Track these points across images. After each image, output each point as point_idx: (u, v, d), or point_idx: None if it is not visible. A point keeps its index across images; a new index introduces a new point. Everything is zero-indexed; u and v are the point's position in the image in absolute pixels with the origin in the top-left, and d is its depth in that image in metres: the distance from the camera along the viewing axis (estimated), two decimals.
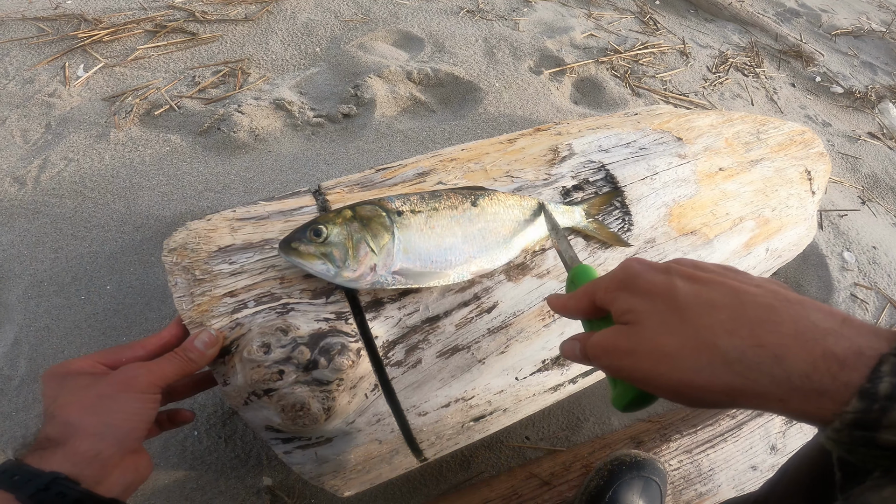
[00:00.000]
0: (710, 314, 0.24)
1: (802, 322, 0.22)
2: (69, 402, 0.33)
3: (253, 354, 0.38)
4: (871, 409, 0.19)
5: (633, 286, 0.27)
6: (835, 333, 0.21)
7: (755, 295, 0.24)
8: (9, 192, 0.79)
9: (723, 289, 0.25)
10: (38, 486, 0.29)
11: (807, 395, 0.21)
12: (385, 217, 0.43)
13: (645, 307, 0.26)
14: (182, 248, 0.44)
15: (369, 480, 0.51)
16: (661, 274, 0.27)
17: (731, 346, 0.22)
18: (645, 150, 0.61)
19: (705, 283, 0.26)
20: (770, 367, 0.21)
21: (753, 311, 0.23)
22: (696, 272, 0.27)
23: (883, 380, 0.19)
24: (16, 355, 0.66)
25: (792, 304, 0.23)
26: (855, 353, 0.20)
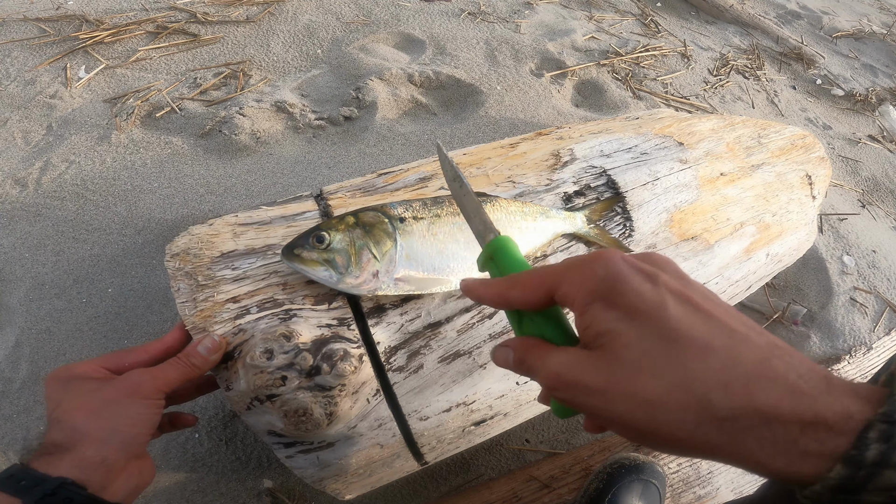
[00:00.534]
0: (704, 358, 0.21)
1: (793, 380, 0.20)
2: (74, 406, 0.34)
3: (256, 360, 0.38)
4: (856, 475, 0.19)
5: (616, 295, 0.22)
6: (824, 396, 0.20)
7: (748, 340, 0.21)
8: (10, 195, 0.80)
9: (717, 325, 0.22)
10: (45, 491, 0.29)
11: (790, 459, 0.20)
12: (387, 223, 0.43)
13: (628, 333, 0.22)
14: (185, 253, 0.44)
15: (370, 484, 0.51)
16: (650, 284, 0.22)
17: (725, 404, 0.20)
18: (646, 155, 0.61)
19: (699, 309, 0.22)
20: (759, 430, 0.20)
21: (748, 361, 0.21)
22: (686, 290, 0.23)
23: (871, 447, 0.19)
24: (17, 358, 0.66)
25: (781, 356, 0.21)
26: (844, 419, 0.20)
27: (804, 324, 0.86)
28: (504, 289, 0.26)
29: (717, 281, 0.60)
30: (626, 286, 0.22)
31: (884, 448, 0.19)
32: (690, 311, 0.22)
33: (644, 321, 0.22)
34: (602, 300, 0.22)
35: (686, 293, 0.23)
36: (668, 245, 0.56)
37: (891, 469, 0.19)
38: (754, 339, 0.21)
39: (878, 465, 0.19)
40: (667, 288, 0.22)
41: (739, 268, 0.61)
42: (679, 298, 0.22)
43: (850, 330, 0.86)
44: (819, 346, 0.84)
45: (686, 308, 0.22)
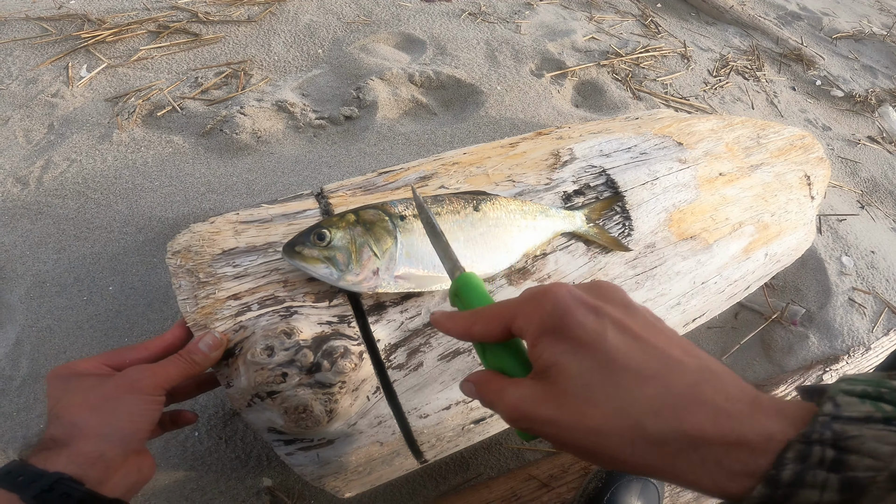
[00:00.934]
0: (639, 387, 0.22)
1: (719, 404, 0.22)
2: (74, 402, 0.34)
3: (257, 357, 0.38)
4: (775, 494, 0.20)
5: (562, 328, 0.24)
6: (749, 417, 0.21)
7: (682, 366, 0.23)
8: (11, 193, 0.80)
9: (654, 353, 0.23)
10: (43, 487, 0.29)
11: (716, 479, 0.21)
12: (388, 221, 0.43)
13: (572, 365, 0.23)
14: (186, 251, 0.44)
15: (370, 482, 0.51)
16: (593, 315, 0.24)
17: (656, 429, 0.21)
18: (646, 154, 0.61)
19: (637, 338, 0.24)
20: (688, 452, 0.21)
21: (679, 387, 0.22)
22: (628, 320, 0.24)
23: (787, 467, 0.20)
24: (17, 355, 0.66)
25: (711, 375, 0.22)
26: (765, 440, 0.21)
27: (803, 324, 0.86)
28: (469, 323, 0.28)
29: (715, 280, 0.60)
30: (571, 319, 0.24)
31: (799, 468, 0.19)
32: (629, 341, 0.24)
33: (587, 353, 0.23)
34: (550, 333, 0.24)
35: (626, 323, 0.24)
36: (666, 244, 0.56)
37: (806, 488, 0.19)
38: (687, 365, 0.23)
39: (793, 484, 0.19)
40: (609, 319, 0.24)
41: (738, 267, 0.62)
42: (619, 329, 0.24)
43: (848, 330, 0.86)
44: (817, 347, 0.84)
45: (625, 338, 0.24)
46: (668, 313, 0.57)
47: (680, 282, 0.57)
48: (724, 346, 0.84)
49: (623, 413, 0.22)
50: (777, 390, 0.75)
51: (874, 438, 0.19)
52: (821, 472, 0.19)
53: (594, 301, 0.25)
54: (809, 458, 0.19)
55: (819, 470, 0.19)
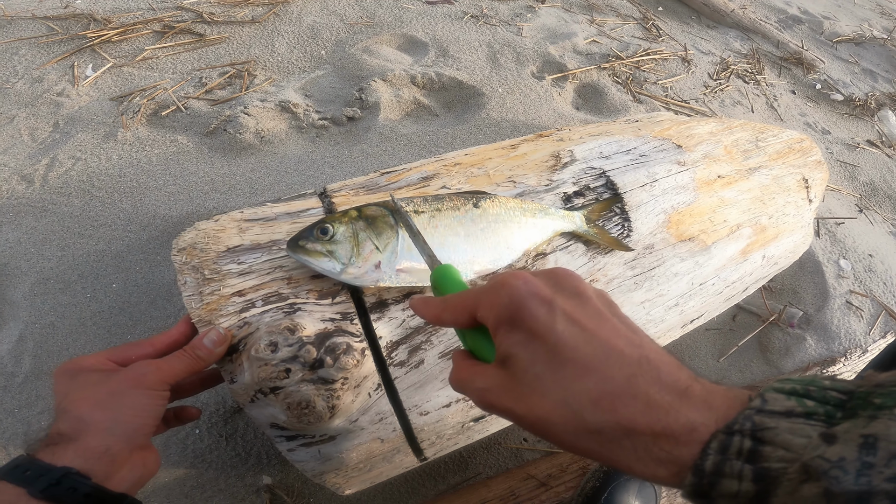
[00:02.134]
0: (581, 379, 0.24)
1: (653, 395, 0.23)
2: (80, 397, 0.34)
3: (260, 353, 0.39)
4: (701, 483, 0.21)
5: (517, 318, 0.25)
6: (675, 409, 0.22)
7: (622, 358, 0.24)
8: (17, 191, 0.80)
9: (597, 344, 0.25)
10: (50, 481, 0.29)
11: (647, 466, 0.22)
12: (389, 216, 0.44)
13: (524, 354, 0.25)
14: (191, 248, 0.45)
15: (370, 479, 0.52)
16: (544, 307, 0.25)
17: (594, 419, 0.23)
18: (645, 157, 0.62)
19: (584, 329, 0.25)
20: (622, 440, 0.23)
21: (617, 379, 0.24)
22: (578, 310, 0.26)
23: (709, 457, 0.21)
24: (20, 352, 0.67)
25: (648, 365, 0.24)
26: (688, 431, 0.22)
27: (800, 326, 0.87)
28: (439, 310, 0.30)
29: (713, 282, 0.61)
30: (525, 311, 0.25)
31: (719, 458, 0.21)
32: (577, 332, 0.25)
33: (538, 344, 0.25)
34: (506, 323, 0.26)
35: (576, 314, 0.26)
36: (665, 246, 0.57)
37: (725, 478, 0.20)
38: (628, 356, 0.24)
39: (715, 474, 0.20)
40: (560, 310, 0.26)
41: (736, 269, 0.62)
42: (569, 320, 0.25)
43: (845, 333, 0.86)
44: (815, 349, 0.84)
45: (573, 329, 0.25)
46: (666, 314, 0.58)
47: (678, 283, 0.57)
48: (722, 347, 0.85)
49: (566, 404, 0.24)
50: None
51: (789, 430, 0.20)
52: (737, 463, 0.20)
53: (548, 291, 0.26)
54: (729, 448, 0.20)
55: (736, 460, 0.20)
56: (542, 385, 0.25)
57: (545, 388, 0.24)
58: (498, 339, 0.26)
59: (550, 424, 0.24)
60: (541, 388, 0.25)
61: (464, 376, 0.28)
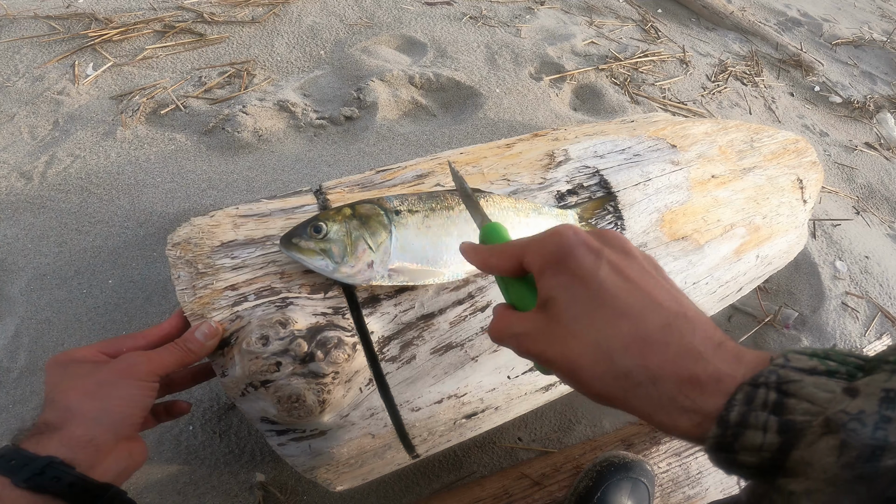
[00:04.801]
0: (616, 323, 0.24)
1: (685, 345, 0.23)
2: (69, 387, 0.34)
3: (251, 346, 0.39)
4: (725, 434, 0.21)
5: (563, 263, 0.26)
6: (705, 359, 0.22)
7: (660, 308, 0.24)
8: (15, 187, 0.81)
9: (637, 294, 0.25)
10: (34, 471, 0.30)
11: (670, 414, 0.22)
12: (383, 215, 0.44)
13: (564, 296, 0.25)
14: (186, 243, 0.45)
15: (361, 475, 0.52)
16: (592, 255, 0.26)
17: (622, 363, 0.23)
18: (639, 156, 0.62)
19: (627, 279, 0.25)
20: (647, 386, 0.23)
21: (652, 327, 0.24)
22: (624, 262, 0.26)
23: (734, 408, 0.21)
24: (16, 347, 0.67)
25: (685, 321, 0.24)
26: (714, 380, 0.22)
27: (795, 327, 0.87)
28: (486, 255, 0.30)
29: (707, 281, 0.61)
30: (571, 257, 0.26)
31: (744, 409, 0.21)
32: (619, 281, 0.25)
33: (579, 287, 0.25)
34: (552, 268, 0.26)
35: (621, 265, 0.26)
36: (658, 244, 0.57)
37: (750, 429, 0.20)
38: (666, 308, 0.24)
39: (739, 425, 0.21)
40: (606, 260, 0.26)
41: (729, 269, 0.62)
42: (613, 269, 0.25)
43: (841, 334, 0.86)
44: None
45: (616, 278, 0.25)
46: None
47: None
48: None
49: (598, 346, 0.24)
50: None
51: (813, 385, 0.20)
52: (763, 414, 0.20)
53: (596, 243, 0.27)
54: (754, 399, 0.21)
55: (762, 412, 0.20)
56: (577, 326, 0.25)
57: (580, 330, 0.24)
58: (541, 283, 0.27)
59: (581, 367, 0.24)
60: (576, 329, 0.25)
61: (502, 325, 0.28)
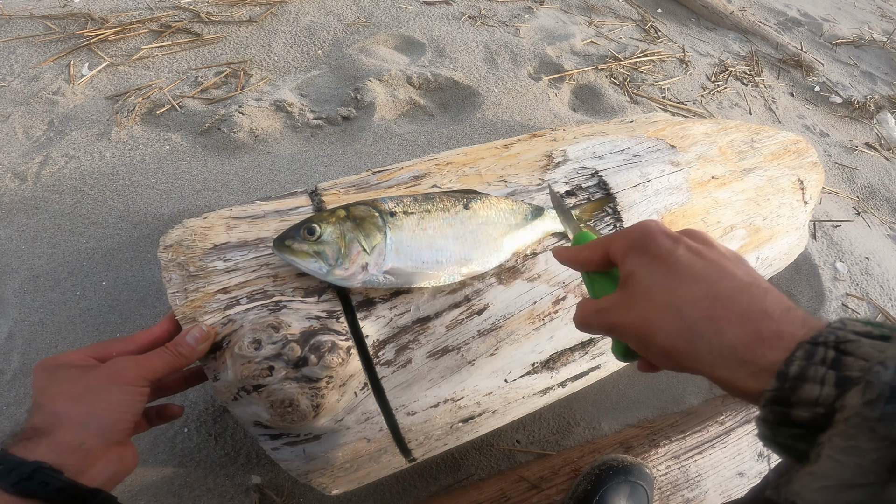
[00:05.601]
0: (689, 285, 0.26)
1: (754, 304, 0.24)
2: (57, 392, 0.34)
3: (244, 350, 0.39)
4: (783, 387, 0.22)
5: (644, 247, 0.29)
6: (771, 318, 0.24)
7: (734, 277, 0.26)
8: (9, 188, 0.80)
9: (713, 266, 0.27)
10: (22, 476, 0.29)
11: (729, 365, 0.24)
12: (378, 217, 0.43)
13: (643, 271, 0.28)
14: (178, 245, 0.44)
15: (357, 479, 0.51)
16: (670, 241, 0.29)
17: (689, 315, 0.25)
18: (638, 157, 0.62)
19: (703, 258, 0.27)
20: (710, 337, 0.24)
21: (723, 290, 0.25)
22: (702, 248, 0.28)
23: (794, 363, 0.22)
24: (9, 349, 0.67)
25: (758, 289, 0.25)
26: (776, 336, 0.23)
27: None
28: (577, 251, 0.35)
29: None
30: (652, 240, 0.29)
31: (804, 364, 0.22)
32: (696, 259, 0.28)
33: (658, 264, 0.28)
34: (636, 250, 0.30)
35: (698, 248, 0.28)
36: None
37: (808, 383, 0.21)
38: (739, 278, 0.26)
39: (798, 378, 0.22)
40: (684, 245, 0.29)
41: None
42: (690, 251, 0.28)
43: None
44: None
45: (693, 257, 0.28)
46: None
47: None
48: None
49: (670, 305, 0.26)
50: None
51: (869, 345, 0.21)
52: (821, 369, 0.21)
53: (676, 233, 0.30)
54: (814, 356, 0.22)
55: (821, 367, 0.21)
56: (652, 292, 0.27)
57: (654, 294, 0.27)
58: (624, 265, 0.30)
59: (650, 324, 0.26)
60: (651, 294, 0.27)
61: (587, 308, 0.31)
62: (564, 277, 0.52)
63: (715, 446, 0.67)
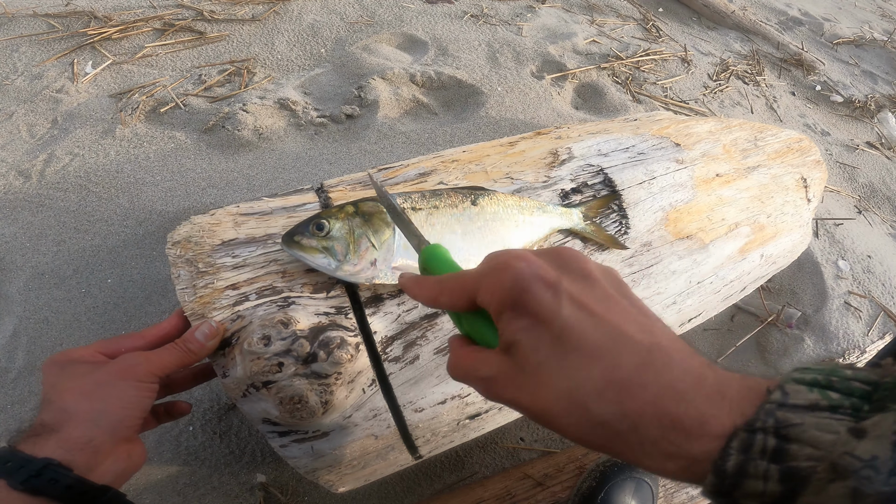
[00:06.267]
0: (587, 368, 0.22)
1: (663, 384, 0.22)
2: (66, 388, 0.34)
3: (253, 346, 0.39)
4: (723, 483, 0.19)
5: (520, 303, 0.24)
6: (686, 399, 0.21)
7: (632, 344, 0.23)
8: (13, 185, 0.80)
9: (606, 330, 0.23)
10: (30, 473, 0.29)
11: (655, 460, 0.21)
12: (386, 213, 0.43)
13: (528, 341, 0.24)
14: (186, 241, 0.44)
15: (364, 476, 0.51)
16: (550, 291, 0.24)
17: (599, 410, 0.22)
18: (643, 154, 0.62)
19: (592, 314, 0.23)
20: (628, 434, 0.22)
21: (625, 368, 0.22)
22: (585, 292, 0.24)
23: (731, 457, 0.19)
24: (14, 347, 0.67)
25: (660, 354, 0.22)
26: (698, 423, 0.20)
27: (798, 327, 0.86)
28: (435, 293, 0.28)
29: (711, 280, 0.60)
30: (529, 295, 0.24)
31: (742, 458, 0.19)
32: (584, 317, 0.23)
33: (542, 330, 0.23)
34: (510, 309, 0.24)
35: (583, 299, 0.24)
36: (663, 243, 0.57)
37: (750, 479, 0.19)
38: (638, 342, 0.23)
39: (738, 475, 0.19)
40: (566, 294, 0.24)
41: (734, 268, 0.62)
42: (575, 304, 0.24)
43: (844, 333, 0.86)
44: (813, 350, 0.84)
45: (580, 314, 0.23)
46: (664, 312, 0.58)
47: (676, 281, 0.57)
48: (721, 348, 0.84)
49: (570, 395, 0.23)
50: None
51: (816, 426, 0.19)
52: (762, 463, 0.19)
53: (553, 274, 0.25)
54: (752, 447, 0.19)
55: (761, 460, 0.19)
56: (546, 374, 0.23)
57: (550, 378, 0.23)
58: (501, 326, 0.25)
59: (555, 416, 0.23)
60: (545, 377, 0.23)
61: (466, 363, 0.27)
62: None
63: None
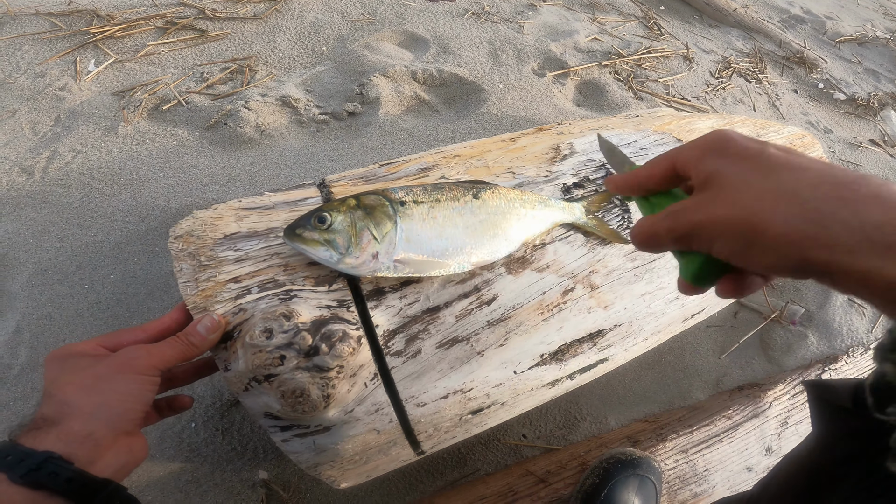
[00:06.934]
0: (797, 173, 0.23)
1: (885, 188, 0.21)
2: (67, 381, 0.34)
3: (255, 339, 0.39)
4: None
5: (724, 149, 0.25)
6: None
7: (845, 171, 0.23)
8: (16, 182, 0.80)
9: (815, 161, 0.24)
10: (31, 466, 0.29)
11: (875, 248, 0.20)
12: (388, 206, 0.43)
13: (732, 169, 0.24)
14: (188, 235, 0.44)
15: (366, 472, 0.51)
16: (755, 142, 0.25)
17: (811, 195, 0.21)
18: (645, 150, 0.62)
19: (799, 155, 0.24)
20: (845, 215, 0.21)
21: (841, 174, 0.22)
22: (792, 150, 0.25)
23: None
24: (17, 343, 0.67)
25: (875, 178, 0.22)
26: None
27: (802, 323, 0.86)
28: (633, 172, 0.30)
29: None
30: (734, 142, 0.25)
31: None
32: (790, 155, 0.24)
33: (748, 160, 0.24)
34: (714, 152, 0.26)
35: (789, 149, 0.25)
36: None
37: None
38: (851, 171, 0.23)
39: None
40: (772, 145, 0.25)
41: None
42: (780, 149, 0.25)
43: (847, 330, 0.85)
44: (817, 346, 0.83)
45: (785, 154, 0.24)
46: (667, 307, 0.57)
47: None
48: (724, 344, 0.84)
49: (780, 189, 0.22)
50: (775, 389, 0.75)
51: None
52: None
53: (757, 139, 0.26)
54: None
55: None
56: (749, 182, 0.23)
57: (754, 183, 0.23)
58: (699, 169, 0.26)
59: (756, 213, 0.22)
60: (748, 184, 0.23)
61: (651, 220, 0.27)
62: (573, 268, 0.52)
63: (723, 441, 0.67)
